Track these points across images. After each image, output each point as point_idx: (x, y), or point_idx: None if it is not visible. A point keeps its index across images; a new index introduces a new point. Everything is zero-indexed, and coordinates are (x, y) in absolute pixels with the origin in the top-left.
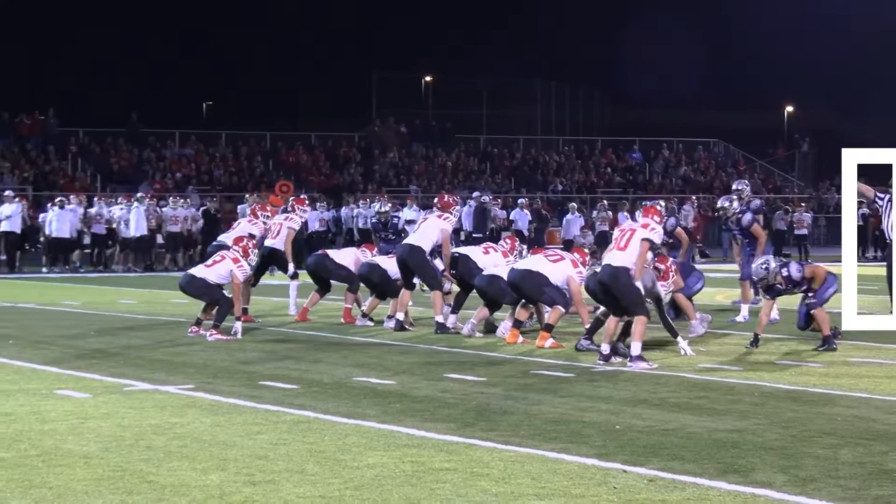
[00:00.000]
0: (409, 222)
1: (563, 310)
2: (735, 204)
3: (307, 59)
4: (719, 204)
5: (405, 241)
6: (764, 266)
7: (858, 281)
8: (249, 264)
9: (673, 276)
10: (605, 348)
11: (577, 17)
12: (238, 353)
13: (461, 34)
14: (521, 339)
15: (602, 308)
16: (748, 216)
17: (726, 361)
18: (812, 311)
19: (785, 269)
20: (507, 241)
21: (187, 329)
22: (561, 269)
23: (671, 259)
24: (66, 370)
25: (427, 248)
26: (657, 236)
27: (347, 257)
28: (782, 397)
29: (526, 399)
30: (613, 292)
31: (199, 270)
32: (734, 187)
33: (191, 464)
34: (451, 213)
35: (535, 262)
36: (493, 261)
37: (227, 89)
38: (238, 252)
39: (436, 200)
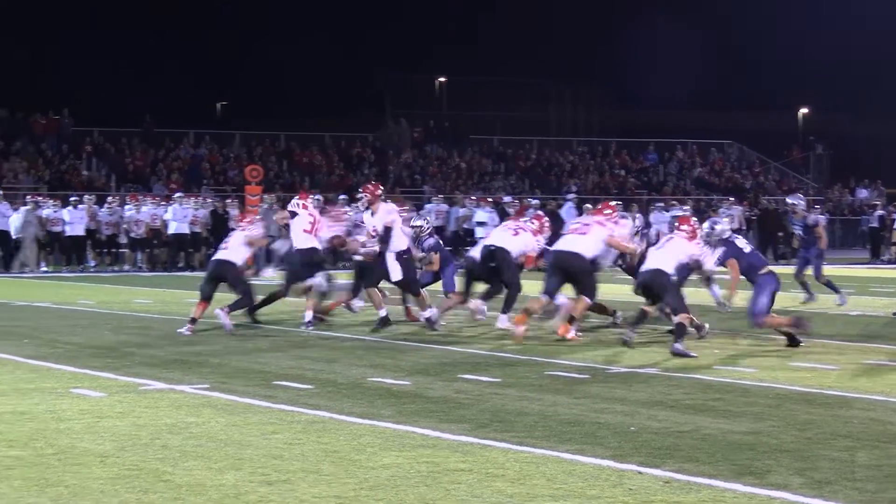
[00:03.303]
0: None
1: (588, 301)
2: (803, 203)
3: (321, 59)
4: (789, 200)
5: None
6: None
7: (872, 283)
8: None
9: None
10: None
11: (592, 17)
12: (253, 353)
13: (475, 35)
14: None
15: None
16: (814, 216)
17: (741, 363)
18: (760, 322)
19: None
20: (535, 220)
21: (182, 327)
22: (521, 241)
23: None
24: (81, 369)
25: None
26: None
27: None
28: (797, 399)
29: (541, 400)
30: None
31: (224, 254)
32: (789, 201)
33: (206, 463)
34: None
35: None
36: (523, 243)
37: (241, 89)
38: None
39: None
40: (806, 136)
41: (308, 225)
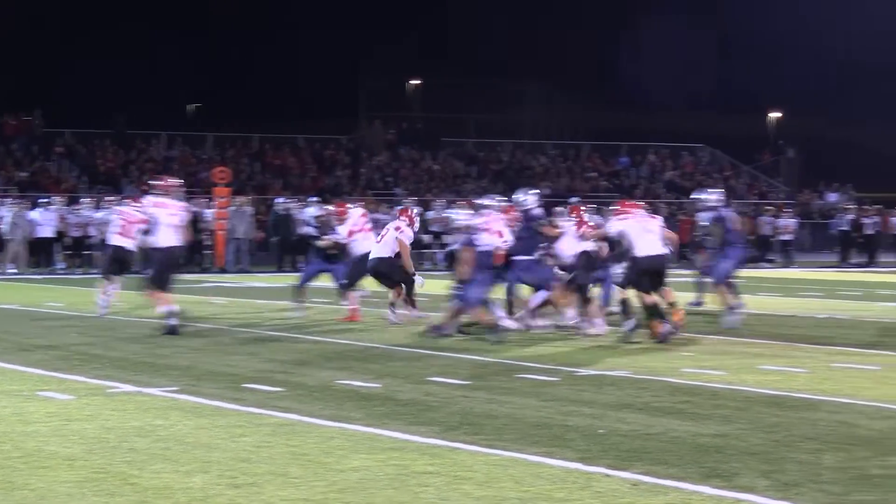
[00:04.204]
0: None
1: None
2: (713, 197)
3: (295, 61)
4: (695, 196)
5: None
6: None
7: (841, 286)
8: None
9: None
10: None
11: (566, 20)
12: (222, 356)
13: (447, 37)
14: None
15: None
16: (725, 212)
17: (710, 366)
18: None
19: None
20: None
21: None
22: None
23: None
24: (49, 372)
25: None
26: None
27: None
28: (765, 402)
29: (510, 403)
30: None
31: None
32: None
33: (174, 466)
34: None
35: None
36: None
37: (214, 91)
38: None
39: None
40: (777, 139)
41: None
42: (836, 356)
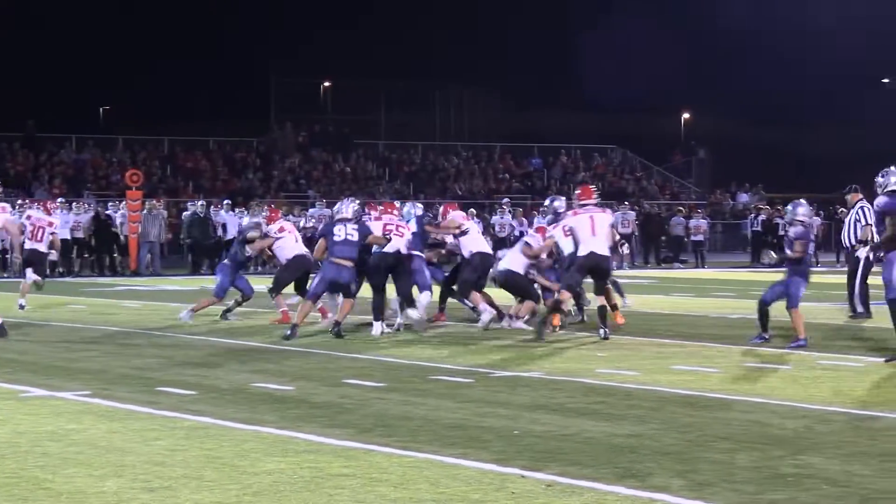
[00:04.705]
0: None
1: None
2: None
3: (206, 63)
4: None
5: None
6: None
7: (753, 286)
8: None
9: None
10: None
11: (477, 20)
12: (135, 360)
13: (358, 38)
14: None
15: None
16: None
17: (624, 366)
18: None
19: None
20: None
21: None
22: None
23: None
24: None
25: None
26: None
27: None
28: (679, 402)
29: (425, 404)
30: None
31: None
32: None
33: (87, 470)
34: None
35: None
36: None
37: (124, 94)
38: None
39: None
40: (688, 140)
41: None
42: (749, 356)
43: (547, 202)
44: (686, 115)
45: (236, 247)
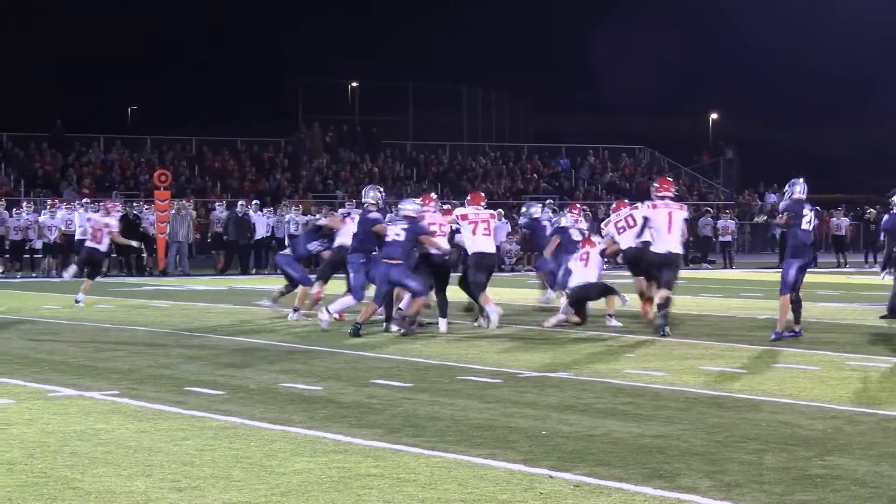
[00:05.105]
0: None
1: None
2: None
3: (233, 65)
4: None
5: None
6: None
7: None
8: None
9: None
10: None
11: (501, 22)
12: (163, 359)
13: (386, 39)
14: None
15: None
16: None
17: (652, 367)
18: None
19: None
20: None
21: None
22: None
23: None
24: None
25: None
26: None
27: None
28: (707, 403)
29: (452, 405)
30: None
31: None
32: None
33: (116, 470)
34: None
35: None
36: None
37: (152, 94)
38: None
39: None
40: (716, 141)
41: None
42: (777, 356)
43: (524, 208)
44: (714, 116)
45: (302, 239)
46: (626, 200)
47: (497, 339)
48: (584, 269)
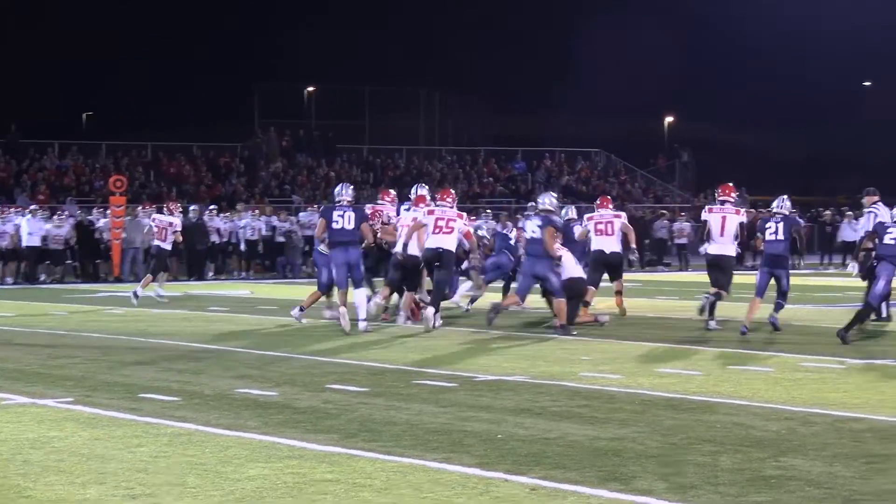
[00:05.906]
0: None
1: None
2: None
3: (189, 68)
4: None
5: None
6: None
7: (736, 289)
8: None
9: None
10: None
11: (460, 25)
12: (118, 366)
13: (342, 43)
14: None
15: None
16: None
17: (607, 370)
18: None
19: None
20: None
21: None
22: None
23: None
24: None
25: None
26: None
27: None
28: (662, 405)
29: (408, 409)
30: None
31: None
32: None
33: (69, 478)
34: None
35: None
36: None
37: (107, 99)
38: None
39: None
40: (671, 143)
41: None
42: (732, 359)
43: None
44: (670, 119)
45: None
46: (610, 197)
47: (453, 343)
48: (574, 266)
